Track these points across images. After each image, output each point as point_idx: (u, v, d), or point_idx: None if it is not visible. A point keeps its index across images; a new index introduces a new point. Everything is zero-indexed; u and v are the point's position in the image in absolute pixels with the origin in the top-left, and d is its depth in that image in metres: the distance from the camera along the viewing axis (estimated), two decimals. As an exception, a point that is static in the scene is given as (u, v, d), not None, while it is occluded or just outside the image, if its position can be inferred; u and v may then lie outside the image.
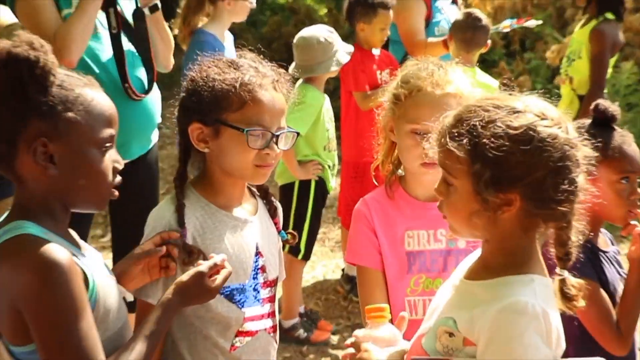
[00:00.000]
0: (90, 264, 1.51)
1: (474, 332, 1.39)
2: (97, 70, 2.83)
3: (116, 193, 1.56)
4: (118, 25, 2.87)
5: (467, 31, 4.02)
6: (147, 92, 2.98)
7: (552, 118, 1.39)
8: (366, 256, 1.95)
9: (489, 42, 4.17)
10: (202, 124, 1.74)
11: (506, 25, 4.63)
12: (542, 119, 1.38)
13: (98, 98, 1.52)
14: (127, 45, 2.93)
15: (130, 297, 1.69)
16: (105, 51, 2.89)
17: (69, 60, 2.75)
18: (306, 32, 3.96)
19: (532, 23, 4.69)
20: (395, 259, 1.94)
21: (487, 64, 6.47)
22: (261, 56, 1.84)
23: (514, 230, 1.41)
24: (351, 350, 1.56)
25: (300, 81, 3.87)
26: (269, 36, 8.14)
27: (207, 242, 1.76)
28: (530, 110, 1.39)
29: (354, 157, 4.31)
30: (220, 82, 1.72)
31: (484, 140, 1.36)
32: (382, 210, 1.96)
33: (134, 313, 1.74)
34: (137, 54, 2.98)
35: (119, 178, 1.56)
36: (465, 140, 1.38)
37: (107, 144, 1.51)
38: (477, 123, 1.38)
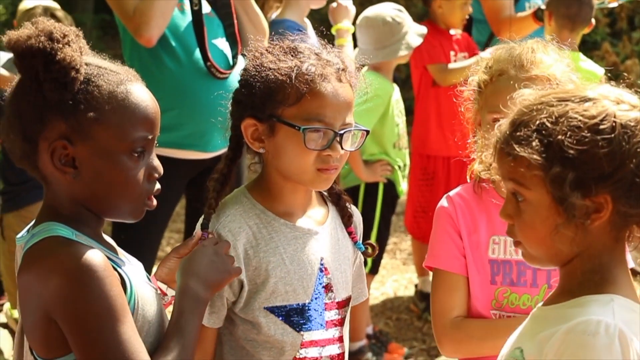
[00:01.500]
0: (129, 270, 1.55)
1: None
2: (178, 49, 3.05)
3: (154, 203, 1.58)
4: (200, 1, 3.10)
5: (571, 5, 3.88)
6: (232, 67, 3.15)
7: (630, 102, 1.38)
8: (449, 259, 1.94)
9: (592, 20, 4.05)
10: (257, 120, 1.75)
11: None
12: (619, 103, 1.37)
13: (133, 96, 1.52)
14: (213, 20, 3.16)
15: (171, 292, 1.75)
16: (190, 28, 3.12)
17: (147, 37, 2.97)
18: (370, 11, 3.96)
19: None
20: (478, 266, 1.93)
21: (587, 46, 6.33)
22: (326, 40, 1.84)
23: (605, 241, 1.38)
24: None
25: (365, 68, 3.87)
26: (331, 17, 8.15)
27: (260, 254, 1.77)
28: (604, 96, 1.38)
29: (421, 154, 4.28)
30: (275, 71, 1.72)
31: (559, 136, 1.33)
32: (468, 209, 1.96)
33: None
34: (223, 28, 3.21)
35: (157, 186, 1.58)
36: (535, 142, 1.34)
37: (140, 149, 1.53)
38: (545, 120, 1.35)
